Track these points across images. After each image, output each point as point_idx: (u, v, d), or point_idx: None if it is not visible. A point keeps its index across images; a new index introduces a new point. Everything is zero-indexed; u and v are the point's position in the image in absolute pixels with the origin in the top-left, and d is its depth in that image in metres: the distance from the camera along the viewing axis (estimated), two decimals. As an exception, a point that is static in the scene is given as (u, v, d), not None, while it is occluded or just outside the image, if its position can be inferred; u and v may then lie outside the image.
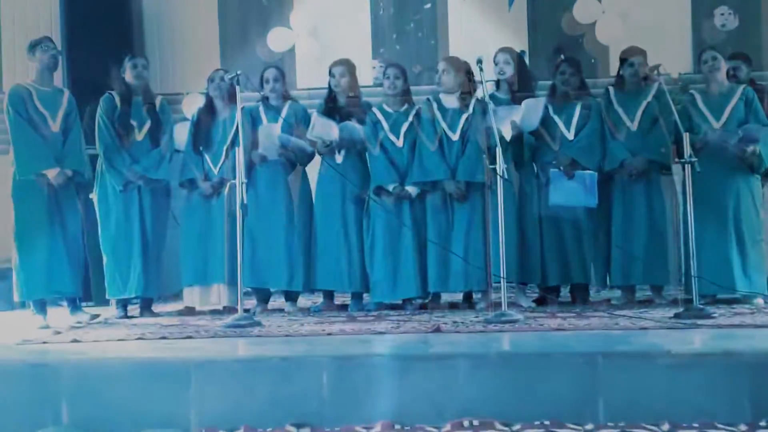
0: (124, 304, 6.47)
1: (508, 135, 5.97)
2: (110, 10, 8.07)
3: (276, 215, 6.42)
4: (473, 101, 6.31)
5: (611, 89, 6.40)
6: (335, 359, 4.41)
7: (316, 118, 6.38)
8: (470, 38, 7.89)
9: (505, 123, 5.98)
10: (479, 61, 5.86)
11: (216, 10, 8.45)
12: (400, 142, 6.36)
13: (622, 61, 6.42)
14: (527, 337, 4.96)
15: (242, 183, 5.63)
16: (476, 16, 8.01)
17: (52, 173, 6.05)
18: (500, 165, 5.48)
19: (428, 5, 8.33)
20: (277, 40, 8.30)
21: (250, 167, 6.26)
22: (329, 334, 5.16)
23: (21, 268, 6.06)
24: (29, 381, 4.36)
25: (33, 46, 6.19)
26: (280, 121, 6.48)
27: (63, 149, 6.13)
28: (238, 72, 5.91)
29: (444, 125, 6.28)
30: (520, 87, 6.41)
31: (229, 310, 6.29)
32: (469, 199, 6.20)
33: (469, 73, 6.31)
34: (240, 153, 5.70)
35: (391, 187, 6.27)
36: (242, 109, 5.90)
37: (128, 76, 6.44)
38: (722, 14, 8.01)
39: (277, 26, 8.32)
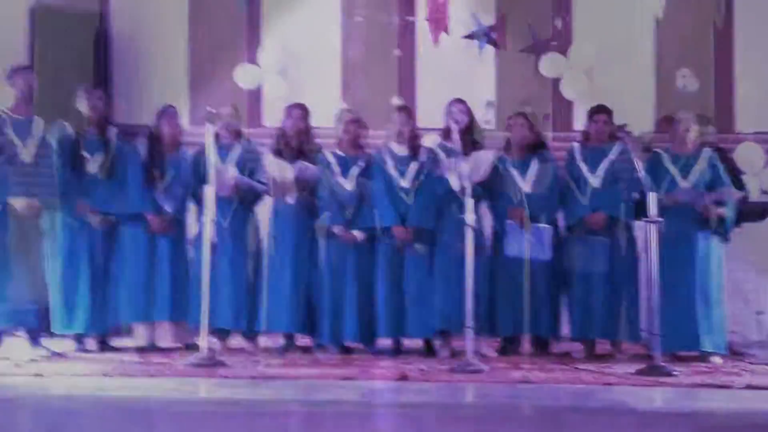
0: (81, 338, 6.36)
1: (455, 186, 6.05)
2: (79, 37, 8.01)
3: (225, 254, 6.36)
4: (425, 150, 6.42)
5: (576, 145, 6.53)
6: (301, 404, 4.40)
7: (270, 159, 6.42)
8: (438, 86, 7.99)
9: (453, 173, 6.06)
10: (449, 112, 6.04)
11: (186, 43, 8.43)
12: (348, 186, 6.40)
13: (589, 117, 6.55)
14: (492, 388, 5.00)
15: (212, 220, 5.62)
16: (445, 64, 8.13)
17: (19, 203, 5.96)
18: (471, 215, 5.58)
19: (397, 51, 8.40)
20: (244, 76, 8.30)
21: (198, 205, 6.25)
22: (295, 378, 5.15)
23: None
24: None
25: (13, 72, 6.13)
26: (233, 159, 6.49)
27: (33, 180, 6.05)
28: (214, 110, 5.92)
29: (394, 172, 6.36)
30: (469, 138, 6.48)
31: (191, 347, 6.25)
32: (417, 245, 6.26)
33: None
34: (210, 191, 5.69)
35: (336, 230, 6.31)
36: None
37: (83, 106, 6.38)
38: (684, 76, 8.23)
39: (245, 63, 8.33)
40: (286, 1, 8.42)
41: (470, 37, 8.22)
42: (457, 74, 8.08)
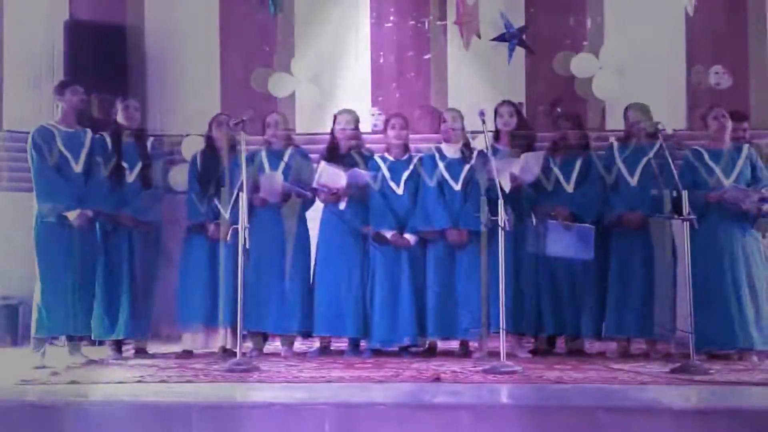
0: (118, 345, 6.44)
1: (507, 187, 6.05)
2: (112, 49, 8.13)
3: (274, 258, 6.42)
4: (476, 152, 6.41)
5: (615, 143, 6.51)
6: (336, 407, 4.42)
7: (323, 166, 6.42)
8: (469, 89, 8.00)
9: (505, 175, 6.06)
10: (482, 113, 6.02)
11: (218, 53, 8.51)
12: (400, 190, 6.43)
13: (624, 117, 6.53)
14: (526, 389, 4.98)
15: (245, 228, 5.67)
16: (475, 67, 8.13)
17: (72, 215, 6.07)
18: (502, 216, 5.57)
19: (428, 55, 8.42)
20: (277, 85, 8.36)
21: (250, 211, 6.29)
22: (329, 381, 5.17)
23: (43, 307, 6.06)
24: (30, 423, 4.35)
25: (62, 87, 6.29)
26: (282, 166, 6.53)
27: (85, 189, 6.18)
28: (244, 118, 5.99)
29: (446, 175, 6.37)
30: (518, 139, 6.51)
31: (226, 353, 6.31)
32: (469, 247, 6.26)
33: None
34: (244, 198, 5.74)
35: (389, 234, 6.32)
36: (246, 153, 5.95)
37: (120, 117, 6.48)
38: (716, 73, 8.15)
39: (278, 71, 8.38)
40: (316, 8, 8.45)
41: (500, 39, 8.19)
42: (487, 76, 8.07)
